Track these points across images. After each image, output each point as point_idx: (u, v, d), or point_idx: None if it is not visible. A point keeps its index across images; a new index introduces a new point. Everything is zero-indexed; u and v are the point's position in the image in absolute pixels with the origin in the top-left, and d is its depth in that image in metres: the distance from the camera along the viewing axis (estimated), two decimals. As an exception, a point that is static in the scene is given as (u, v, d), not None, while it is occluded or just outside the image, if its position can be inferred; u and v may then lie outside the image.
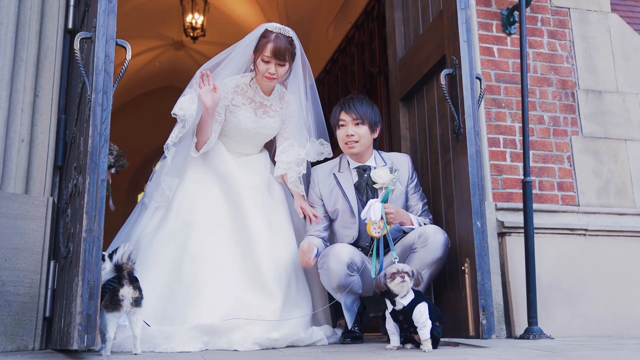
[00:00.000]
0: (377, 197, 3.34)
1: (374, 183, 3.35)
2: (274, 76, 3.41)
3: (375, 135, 3.47)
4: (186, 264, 3.12)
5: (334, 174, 3.46)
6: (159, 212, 3.39)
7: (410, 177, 3.46)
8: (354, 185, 3.41)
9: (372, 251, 3.12)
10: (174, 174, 3.42)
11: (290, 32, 3.45)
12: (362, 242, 3.37)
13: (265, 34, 3.42)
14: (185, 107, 3.30)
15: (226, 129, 3.48)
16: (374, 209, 3.07)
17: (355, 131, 3.38)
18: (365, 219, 3.12)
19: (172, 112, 3.35)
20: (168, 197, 3.37)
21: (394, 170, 3.32)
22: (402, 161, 3.50)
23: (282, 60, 3.39)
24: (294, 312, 3.14)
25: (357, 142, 3.38)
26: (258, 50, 3.42)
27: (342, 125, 3.41)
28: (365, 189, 3.39)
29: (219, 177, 3.40)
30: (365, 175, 3.40)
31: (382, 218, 3.07)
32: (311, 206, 3.46)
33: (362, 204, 3.36)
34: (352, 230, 3.38)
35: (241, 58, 3.53)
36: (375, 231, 3.07)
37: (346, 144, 3.40)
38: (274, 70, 3.39)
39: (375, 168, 3.40)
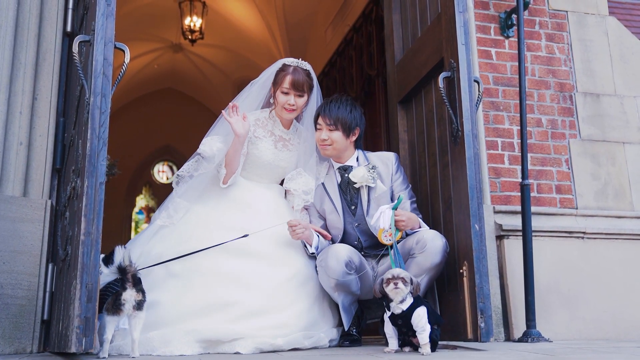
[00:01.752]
0: (360, 196, 3.40)
1: (354, 182, 3.40)
2: (293, 107, 3.50)
3: (354, 137, 3.48)
4: (196, 280, 3.09)
5: None
6: (163, 231, 3.39)
7: (394, 174, 3.46)
8: (339, 185, 3.46)
9: (390, 259, 3.10)
10: (188, 200, 3.45)
11: (307, 66, 3.57)
12: (351, 241, 3.41)
13: (284, 68, 3.54)
14: (211, 145, 3.39)
15: (246, 162, 3.53)
16: (384, 217, 3.05)
17: (328, 136, 3.42)
18: (376, 226, 3.12)
19: (198, 150, 3.45)
20: (174, 219, 3.39)
21: (370, 168, 3.39)
22: (386, 159, 3.51)
23: (301, 91, 3.49)
24: (305, 321, 3.14)
25: (329, 145, 3.43)
26: (277, 83, 3.53)
27: (319, 129, 3.46)
28: (348, 189, 3.45)
29: (235, 201, 3.43)
30: (346, 175, 3.45)
31: (391, 226, 3.05)
32: (305, 208, 3.54)
33: (347, 203, 3.43)
34: (337, 230, 3.43)
35: (260, 91, 3.63)
36: (386, 239, 3.05)
37: (320, 146, 3.47)
38: (293, 101, 3.49)
39: (357, 167, 3.44)
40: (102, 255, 2.73)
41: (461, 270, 3.10)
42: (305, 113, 3.63)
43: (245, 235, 3.10)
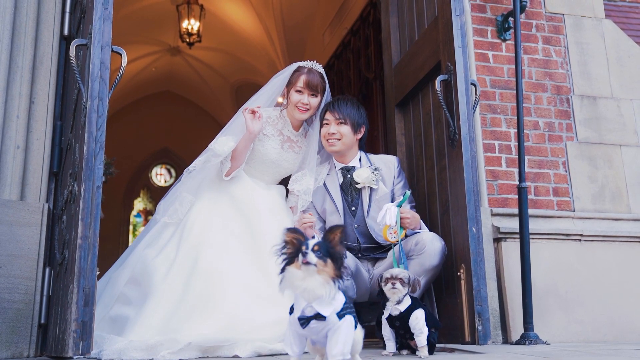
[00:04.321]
0: (361, 197, 3.42)
1: (357, 183, 3.42)
2: (306, 106, 3.53)
3: (359, 136, 3.52)
4: (196, 281, 3.11)
5: None
6: (167, 230, 3.41)
7: (396, 177, 3.49)
8: (340, 186, 3.48)
9: (392, 258, 3.10)
10: (193, 194, 3.51)
11: (321, 69, 3.64)
12: (349, 242, 3.41)
13: (299, 69, 3.59)
14: (224, 145, 3.43)
15: (250, 157, 3.57)
16: (389, 214, 3.05)
17: (337, 130, 3.45)
18: (381, 223, 3.12)
19: (211, 147, 3.44)
20: (179, 213, 3.42)
21: (374, 169, 3.40)
22: (388, 162, 3.54)
23: (315, 91, 3.54)
24: None
25: (338, 140, 3.45)
26: (291, 83, 3.57)
27: (326, 124, 3.49)
28: (350, 189, 3.46)
29: (234, 198, 3.47)
30: (349, 175, 3.46)
31: (396, 223, 3.05)
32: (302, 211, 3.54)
33: (348, 204, 3.45)
34: None
35: (274, 90, 3.66)
36: (391, 236, 3.04)
37: (327, 140, 3.47)
38: (307, 100, 3.52)
39: (361, 168, 3.46)
40: None
41: (459, 273, 3.11)
42: (316, 117, 3.65)
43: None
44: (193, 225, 3.33)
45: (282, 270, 1.99)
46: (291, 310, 2.03)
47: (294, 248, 1.98)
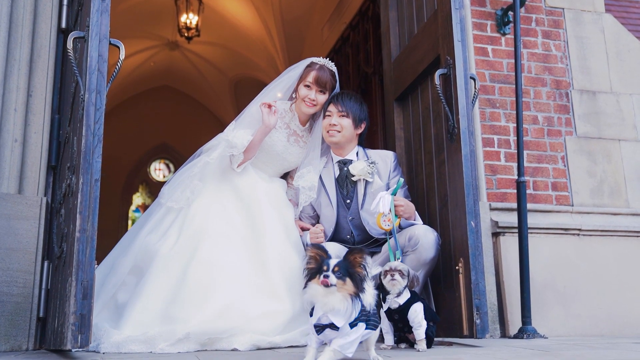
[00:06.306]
0: (357, 190, 3.43)
1: (353, 176, 3.43)
2: (313, 102, 3.55)
3: (359, 130, 3.54)
4: (194, 268, 3.12)
5: None
6: (169, 216, 3.42)
7: (392, 171, 3.50)
8: (336, 179, 3.50)
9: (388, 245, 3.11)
10: (205, 182, 3.53)
11: (333, 67, 3.65)
12: (343, 235, 3.43)
13: (311, 65, 3.62)
14: (243, 139, 3.45)
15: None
16: (383, 201, 3.06)
17: (338, 122, 3.47)
18: (375, 211, 3.12)
19: (227, 138, 3.46)
20: (189, 200, 3.44)
21: (370, 163, 3.42)
22: (385, 156, 3.55)
23: (323, 88, 3.56)
24: (303, 319, 3.15)
25: (338, 132, 3.47)
26: (302, 77, 3.60)
27: (328, 115, 3.51)
28: (346, 182, 3.48)
29: (236, 188, 3.50)
30: (345, 168, 3.49)
31: (390, 210, 3.05)
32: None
33: (343, 197, 3.46)
34: (330, 224, 3.45)
35: (286, 84, 3.68)
36: (385, 224, 3.05)
37: (328, 132, 3.49)
38: (314, 96, 3.54)
39: (357, 161, 3.48)
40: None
41: (457, 267, 3.10)
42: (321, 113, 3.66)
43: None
44: (195, 215, 3.35)
45: (305, 285, 2.15)
46: (311, 313, 2.19)
47: (316, 264, 2.14)
